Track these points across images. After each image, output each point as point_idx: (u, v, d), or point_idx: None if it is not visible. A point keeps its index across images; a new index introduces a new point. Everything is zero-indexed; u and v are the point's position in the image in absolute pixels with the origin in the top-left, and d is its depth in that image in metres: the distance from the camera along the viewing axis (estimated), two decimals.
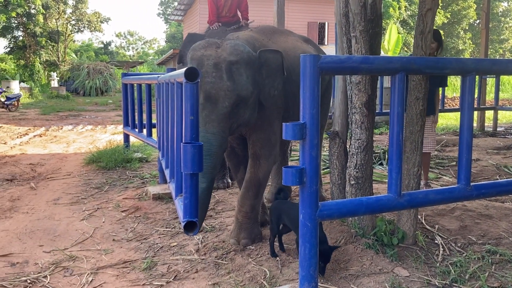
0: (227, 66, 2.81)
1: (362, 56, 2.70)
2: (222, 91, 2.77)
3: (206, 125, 2.74)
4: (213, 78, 2.78)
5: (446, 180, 5.00)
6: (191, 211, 2.29)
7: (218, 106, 2.77)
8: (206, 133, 2.72)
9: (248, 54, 2.93)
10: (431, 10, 2.81)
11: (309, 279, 2.20)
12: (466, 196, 2.55)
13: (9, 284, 2.81)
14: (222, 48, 2.90)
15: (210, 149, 2.71)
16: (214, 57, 2.83)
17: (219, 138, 2.76)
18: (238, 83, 2.83)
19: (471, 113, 2.51)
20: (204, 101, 2.75)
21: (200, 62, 2.83)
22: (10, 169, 6.28)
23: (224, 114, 2.79)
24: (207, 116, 2.75)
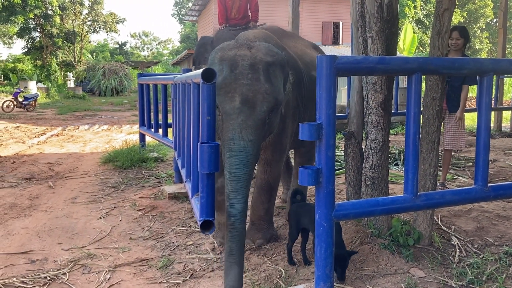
0: (264, 67, 2.60)
1: (378, 57, 2.70)
2: (260, 94, 2.53)
3: (242, 132, 2.48)
4: (249, 80, 2.54)
5: (462, 181, 4.96)
6: (208, 210, 2.31)
7: (256, 110, 2.52)
8: (243, 141, 2.47)
9: (282, 56, 2.78)
10: (448, 10, 2.80)
11: (325, 278, 2.21)
12: (483, 197, 2.54)
13: (30, 280, 2.87)
14: (255, 48, 2.69)
15: (247, 159, 2.46)
16: (249, 57, 2.61)
17: (256, 146, 2.52)
18: (275, 86, 2.63)
19: (489, 113, 2.49)
20: (241, 105, 2.50)
21: (234, 63, 2.59)
22: (29, 168, 6.39)
23: (262, 120, 2.55)
24: (244, 121, 2.49)
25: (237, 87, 2.52)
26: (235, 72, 2.55)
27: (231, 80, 2.54)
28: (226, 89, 2.52)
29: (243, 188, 2.41)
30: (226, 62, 2.60)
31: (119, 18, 37.80)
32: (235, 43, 2.74)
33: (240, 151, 2.44)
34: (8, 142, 8.73)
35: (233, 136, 2.47)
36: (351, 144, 3.31)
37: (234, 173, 2.43)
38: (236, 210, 2.37)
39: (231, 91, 2.51)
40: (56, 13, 31.14)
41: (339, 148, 6.42)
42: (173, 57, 44.82)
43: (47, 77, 30.24)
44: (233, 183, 2.43)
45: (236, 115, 2.48)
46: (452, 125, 4.50)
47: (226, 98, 2.51)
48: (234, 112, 2.47)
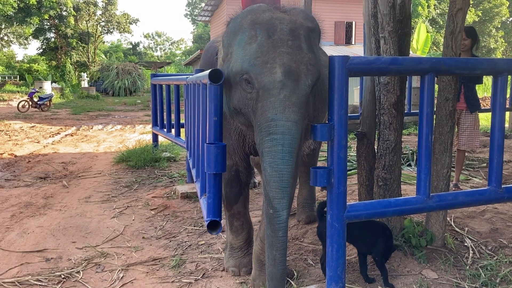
0: (306, 34, 2.16)
1: (391, 57, 2.69)
2: (304, 64, 2.08)
3: (285, 111, 2.02)
4: (290, 48, 2.09)
5: (476, 182, 4.91)
6: (214, 211, 2.29)
7: (300, 84, 2.06)
8: (286, 122, 2.02)
9: (319, 23, 2.34)
10: (462, 10, 2.77)
11: (337, 279, 2.21)
12: (497, 198, 2.51)
13: (44, 278, 2.91)
14: (291, 12, 2.24)
15: (292, 145, 2.03)
16: (288, 21, 2.15)
17: (300, 129, 2.07)
18: (317, 55, 2.20)
19: (503, 114, 2.47)
20: (284, 77, 2.03)
21: (271, 27, 2.11)
22: (43, 167, 6.47)
23: (306, 96, 2.10)
24: (287, 98, 2.03)
25: (277, 56, 2.06)
26: (273, 38, 2.09)
27: (269, 47, 2.08)
28: (263, 59, 2.06)
29: (288, 187, 2.04)
30: (261, 26, 2.13)
31: (133, 19, 38.10)
32: (265, 5, 2.27)
33: (284, 134, 2.00)
34: (23, 142, 8.85)
35: (274, 117, 2.02)
36: (363, 145, 3.29)
37: (277, 166, 2.02)
38: (282, 221, 2.05)
39: (270, 61, 2.06)
40: (70, 14, 31.52)
41: (351, 149, 6.40)
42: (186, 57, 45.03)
43: (62, 77, 30.62)
44: (276, 180, 2.02)
45: (278, 90, 2.03)
46: (468, 125, 4.47)
47: (264, 69, 2.05)
48: (275, 86, 2.03)
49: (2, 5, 23.78)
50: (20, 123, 12.10)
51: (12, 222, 4.04)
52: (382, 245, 2.61)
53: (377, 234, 2.64)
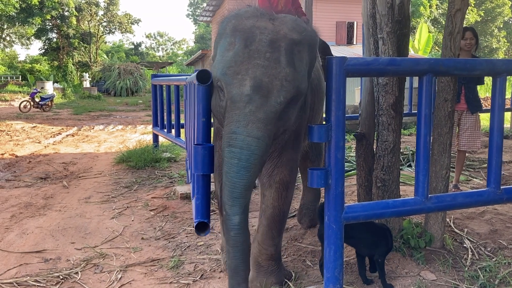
0: (288, 46, 2.06)
1: (388, 58, 2.68)
2: (278, 80, 2.00)
3: (248, 126, 1.99)
4: (266, 61, 2.01)
5: (476, 183, 4.90)
6: (203, 212, 2.27)
7: (270, 101, 2.00)
8: (247, 137, 1.99)
9: (313, 34, 2.24)
10: (460, 10, 2.77)
11: (334, 281, 2.21)
12: (496, 199, 2.51)
13: (43, 279, 2.91)
14: (279, 21, 2.15)
15: (249, 160, 2.00)
16: (270, 31, 2.06)
17: (263, 145, 2.02)
18: (299, 71, 2.09)
19: (502, 114, 2.47)
20: (252, 92, 1.98)
21: (251, 36, 2.05)
22: (44, 167, 6.48)
23: (276, 113, 2.04)
24: (252, 113, 1.99)
25: (250, 68, 2.00)
26: (250, 48, 2.03)
27: (244, 57, 2.03)
28: (236, 69, 2.02)
29: (239, 197, 2.03)
30: (240, 34, 2.07)
31: (134, 19, 38.16)
32: (254, 11, 2.19)
33: (243, 148, 1.98)
34: (24, 142, 8.86)
35: (236, 130, 2.00)
36: (362, 146, 3.29)
37: (231, 177, 2.02)
38: (234, 224, 2.05)
39: (242, 72, 2.01)
40: (72, 14, 31.58)
41: (351, 149, 6.39)
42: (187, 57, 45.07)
43: (64, 77, 30.69)
44: (228, 189, 2.04)
45: (244, 104, 1.99)
46: (469, 126, 4.46)
47: (235, 80, 2.01)
48: (241, 99, 1.99)
49: (4, 6, 23.82)
50: (21, 123, 12.12)
51: (11, 222, 4.04)
52: (383, 247, 2.61)
53: (377, 236, 2.63)
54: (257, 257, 2.65)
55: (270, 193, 2.57)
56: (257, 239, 2.64)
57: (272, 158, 2.53)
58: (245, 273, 2.16)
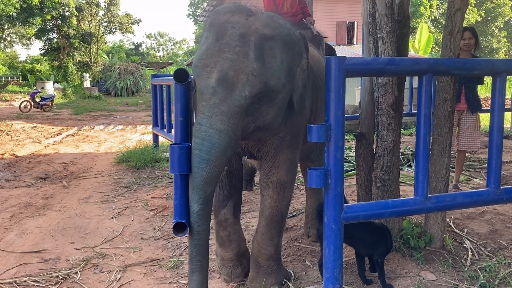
0: (257, 41, 2.07)
1: (388, 58, 2.68)
2: (244, 74, 2.03)
3: (211, 118, 2.03)
4: (235, 55, 2.04)
5: (476, 183, 4.89)
6: (181, 212, 2.26)
7: (235, 94, 2.03)
8: (209, 129, 2.02)
9: (289, 31, 2.22)
10: (460, 10, 2.76)
11: (333, 281, 2.20)
12: (496, 200, 2.50)
13: (42, 279, 2.91)
14: (254, 17, 2.17)
15: (210, 152, 2.03)
16: (242, 25, 2.09)
17: (225, 138, 2.04)
18: (269, 67, 2.10)
19: (502, 114, 2.46)
20: (217, 84, 2.01)
21: (222, 30, 2.08)
22: (44, 167, 6.48)
23: (240, 107, 2.05)
24: (216, 105, 2.02)
25: (219, 61, 2.04)
26: (221, 41, 2.06)
27: (214, 51, 2.06)
28: (206, 62, 2.07)
29: (198, 188, 2.05)
30: (214, 28, 2.11)
31: (135, 19, 38.13)
32: (233, 6, 2.21)
33: (204, 140, 2.02)
34: (24, 142, 8.87)
35: (201, 121, 2.04)
36: (362, 145, 3.29)
37: (193, 167, 2.07)
38: (192, 212, 2.09)
39: (211, 65, 2.05)
40: (72, 14, 31.57)
41: (351, 149, 6.39)
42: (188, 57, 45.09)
43: (64, 77, 30.69)
44: (192, 177, 2.09)
45: (209, 96, 2.03)
46: (469, 126, 4.46)
47: (203, 72, 2.06)
48: (207, 91, 2.03)
49: (5, 6, 23.82)
50: (22, 123, 12.12)
51: (11, 222, 4.04)
52: (382, 247, 2.60)
53: (376, 236, 2.63)
54: (256, 257, 2.65)
55: (268, 193, 2.58)
56: (256, 239, 2.65)
57: (268, 157, 2.55)
58: (200, 262, 2.15)
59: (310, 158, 3.31)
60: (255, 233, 2.69)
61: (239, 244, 2.74)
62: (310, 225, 3.40)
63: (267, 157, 2.55)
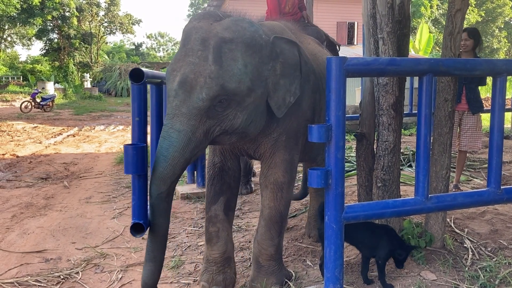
0: (216, 44, 2.13)
1: (388, 58, 2.68)
2: (203, 77, 2.09)
3: (173, 119, 2.12)
4: (197, 58, 2.12)
5: (477, 183, 4.90)
6: (139, 213, 2.26)
7: (193, 96, 2.10)
8: (170, 129, 2.12)
9: (253, 34, 2.23)
10: (461, 10, 2.77)
11: (334, 280, 2.20)
12: (496, 200, 2.49)
13: (43, 279, 2.92)
14: (220, 22, 2.23)
15: (168, 150, 2.10)
16: (204, 30, 2.16)
17: (184, 139, 2.11)
18: (227, 70, 2.14)
19: (502, 115, 2.46)
20: (178, 87, 2.11)
21: (188, 36, 2.19)
22: (45, 168, 6.49)
23: (198, 109, 2.11)
24: (177, 107, 2.12)
25: (183, 66, 2.14)
26: (186, 47, 2.17)
27: (181, 56, 2.17)
28: (173, 66, 2.18)
29: (153, 183, 2.11)
30: (183, 35, 2.23)
31: (135, 20, 38.12)
32: (204, 13, 2.31)
33: (164, 138, 2.11)
34: (25, 142, 8.88)
35: (165, 121, 2.15)
36: (362, 146, 3.29)
37: (154, 162, 2.14)
38: (149, 205, 2.16)
39: (176, 69, 2.16)
40: (73, 14, 31.56)
41: (352, 149, 6.39)
42: None
43: (65, 78, 30.68)
44: (152, 170, 2.14)
45: (172, 98, 2.14)
46: (470, 126, 4.46)
47: (170, 76, 2.17)
48: (171, 94, 2.14)
49: (5, 6, 23.83)
50: (22, 123, 12.13)
51: (12, 222, 4.05)
52: (385, 249, 2.59)
53: (379, 237, 2.62)
54: (257, 257, 2.66)
55: (266, 193, 2.61)
56: (257, 239, 2.66)
57: (265, 158, 2.59)
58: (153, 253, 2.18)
59: (316, 161, 3.30)
60: (256, 233, 2.70)
61: (226, 243, 2.68)
62: (312, 226, 3.42)
63: (264, 158, 2.59)
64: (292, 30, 2.94)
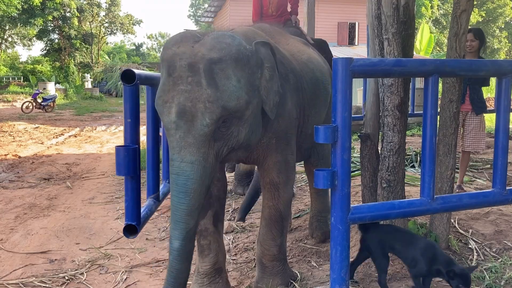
0: (206, 67, 2.03)
1: (394, 59, 2.68)
2: (201, 102, 2.01)
3: (181, 152, 2.03)
4: (189, 85, 2.03)
5: (480, 184, 4.90)
6: (132, 215, 2.26)
7: (196, 124, 2.01)
8: (181, 163, 2.02)
9: (238, 47, 2.14)
10: (466, 11, 2.77)
11: (340, 281, 2.20)
12: (502, 200, 2.49)
13: (48, 280, 2.92)
14: (200, 42, 2.11)
15: (186, 185, 2.01)
16: (189, 55, 2.06)
17: (199, 169, 2.02)
18: (224, 90, 2.06)
19: (507, 116, 2.45)
20: (177, 118, 2.01)
21: (172, 64, 2.08)
22: (47, 168, 6.49)
23: (205, 135, 2.03)
24: (182, 139, 2.02)
25: (175, 95, 2.04)
26: (173, 75, 2.06)
27: (169, 86, 2.07)
28: (164, 98, 2.07)
29: (180, 221, 2.00)
30: (165, 63, 2.12)
31: (136, 20, 38.14)
32: (179, 37, 2.18)
33: (178, 174, 2.02)
34: (27, 143, 8.88)
35: (172, 156, 2.06)
36: (367, 146, 3.29)
37: (173, 202, 2.04)
38: (173, 249, 2.01)
39: (169, 100, 2.05)
40: (74, 15, 31.58)
41: (355, 150, 6.39)
42: None
43: (65, 78, 30.68)
44: (172, 213, 2.04)
45: (174, 131, 2.04)
46: (473, 127, 4.47)
47: (164, 109, 2.07)
48: (171, 127, 2.04)
49: (6, 7, 23.84)
50: (24, 124, 12.13)
51: (16, 223, 4.06)
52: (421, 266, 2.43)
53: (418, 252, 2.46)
54: (260, 258, 2.67)
55: (264, 194, 2.64)
56: (259, 241, 2.67)
57: (259, 163, 2.61)
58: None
59: (310, 162, 3.33)
60: (258, 235, 2.70)
61: (217, 254, 2.63)
62: (315, 227, 3.43)
63: (258, 162, 2.61)
64: (268, 31, 2.89)
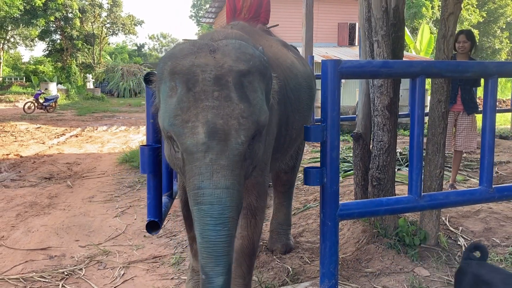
0: (236, 80, 1.77)
1: (382, 61, 2.76)
2: (234, 119, 1.72)
3: (213, 177, 1.70)
4: (217, 101, 1.72)
5: (474, 183, 4.96)
6: (154, 211, 2.33)
7: (230, 144, 1.71)
8: (215, 190, 1.69)
9: (260, 58, 1.93)
10: (453, 14, 2.84)
11: (329, 276, 2.27)
12: (488, 198, 2.56)
13: (48, 275, 3.00)
14: (220, 52, 1.85)
15: (224, 214, 1.69)
16: (213, 66, 1.77)
17: (234, 194, 1.72)
18: (255, 104, 1.81)
19: (493, 116, 2.53)
20: (208, 138, 1.68)
21: (192, 77, 1.75)
22: (48, 168, 6.57)
23: (239, 155, 1.74)
24: (214, 161, 1.70)
25: (200, 113, 1.71)
26: (194, 90, 1.74)
27: (190, 102, 1.73)
28: (184, 117, 1.72)
29: (223, 255, 1.70)
30: (180, 77, 1.77)
31: (138, 20, 38.30)
32: (191, 46, 1.89)
33: (213, 204, 1.69)
34: (29, 143, 8.96)
35: (201, 184, 1.71)
36: (359, 146, 3.37)
37: (208, 237, 1.69)
38: (218, 286, 1.68)
39: (191, 119, 1.71)
40: (76, 16, 31.71)
41: (351, 150, 6.46)
42: None
43: (67, 78, 30.80)
44: (208, 250, 1.70)
45: (203, 154, 1.70)
46: (465, 127, 4.55)
47: (186, 129, 1.72)
48: (198, 149, 1.70)
49: (8, 8, 23.98)
50: (26, 124, 12.22)
51: (17, 221, 4.14)
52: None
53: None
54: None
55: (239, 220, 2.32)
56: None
57: None
58: None
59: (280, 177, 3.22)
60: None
61: None
62: (275, 240, 3.31)
63: None
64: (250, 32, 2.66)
